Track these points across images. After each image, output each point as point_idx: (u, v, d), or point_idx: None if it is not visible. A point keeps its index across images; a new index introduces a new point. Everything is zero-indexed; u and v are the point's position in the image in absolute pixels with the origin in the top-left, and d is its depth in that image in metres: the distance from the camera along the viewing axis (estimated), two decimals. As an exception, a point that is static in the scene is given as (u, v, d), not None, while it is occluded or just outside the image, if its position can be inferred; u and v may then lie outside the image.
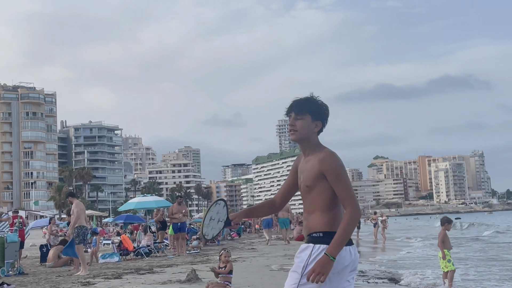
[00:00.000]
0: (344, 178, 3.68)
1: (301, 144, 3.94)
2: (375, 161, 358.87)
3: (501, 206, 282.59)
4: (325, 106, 3.95)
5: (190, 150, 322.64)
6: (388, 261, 17.32)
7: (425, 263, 16.37)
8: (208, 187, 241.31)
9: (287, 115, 3.97)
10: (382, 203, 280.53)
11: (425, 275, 12.92)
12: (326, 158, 3.71)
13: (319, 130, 3.91)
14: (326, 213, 3.65)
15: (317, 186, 3.70)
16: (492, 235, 34.94)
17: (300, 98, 3.95)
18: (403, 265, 15.85)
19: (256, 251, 18.35)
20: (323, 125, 3.92)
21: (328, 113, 3.96)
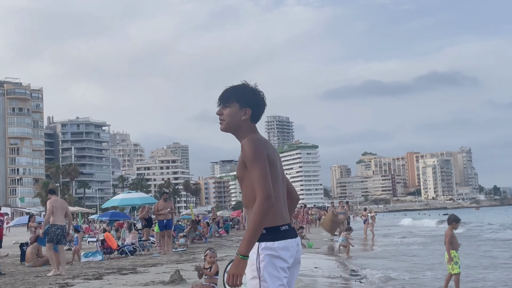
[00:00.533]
0: (257, 164, 3.39)
1: (233, 134, 3.77)
2: (363, 157, 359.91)
3: (488, 202, 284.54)
4: (252, 92, 3.73)
5: (178, 146, 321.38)
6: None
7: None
8: (196, 184, 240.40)
9: (218, 106, 3.81)
10: (370, 199, 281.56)
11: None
12: (243, 145, 3.52)
13: (251, 117, 3.70)
14: None
15: (244, 177, 3.50)
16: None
17: (227, 87, 3.78)
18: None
19: None
20: (255, 111, 3.71)
21: (258, 99, 3.74)
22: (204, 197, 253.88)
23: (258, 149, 3.46)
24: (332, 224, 24.40)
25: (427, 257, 17.60)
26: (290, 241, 3.45)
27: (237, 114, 3.69)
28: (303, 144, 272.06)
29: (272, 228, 3.41)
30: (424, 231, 37.21)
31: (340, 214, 24.78)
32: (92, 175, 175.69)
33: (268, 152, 3.51)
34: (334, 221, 24.18)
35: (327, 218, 25.21)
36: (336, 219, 24.37)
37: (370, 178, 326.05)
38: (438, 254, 17.78)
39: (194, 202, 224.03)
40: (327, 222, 24.89)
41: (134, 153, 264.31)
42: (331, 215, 24.76)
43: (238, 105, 3.69)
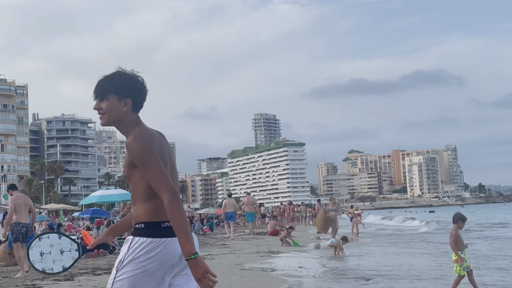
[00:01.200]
0: (151, 164, 3.12)
1: (116, 127, 3.39)
2: (350, 155, 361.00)
3: (473, 199, 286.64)
4: (130, 80, 3.36)
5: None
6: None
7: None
8: (183, 181, 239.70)
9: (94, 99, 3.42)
10: (356, 197, 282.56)
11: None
12: (129, 145, 3.20)
13: (132, 107, 3.34)
14: (148, 202, 3.16)
15: (132, 175, 3.23)
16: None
17: (101, 78, 3.39)
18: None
19: (228, 247, 17.33)
20: (135, 100, 3.35)
21: (138, 86, 3.37)
22: (190, 195, 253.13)
23: (148, 147, 3.15)
24: (325, 222, 23.60)
25: (416, 255, 17.20)
26: (171, 239, 3.08)
27: (117, 106, 3.30)
28: (290, 141, 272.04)
29: (152, 224, 3.12)
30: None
31: (331, 211, 23.95)
32: (78, 172, 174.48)
33: (156, 147, 3.20)
34: (326, 219, 23.47)
35: (319, 216, 24.29)
36: (328, 216, 23.60)
37: (356, 175, 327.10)
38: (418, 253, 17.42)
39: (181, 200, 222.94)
40: (319, 220, 24.10)
41: (121, 150, 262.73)
42: (323, 213, 23.87)
43: (116, 97, 3.30)
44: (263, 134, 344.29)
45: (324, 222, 23.28)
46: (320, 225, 23.72)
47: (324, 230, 23.81)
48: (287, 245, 18.21)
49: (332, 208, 23.75)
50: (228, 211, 23.15)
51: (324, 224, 23.34)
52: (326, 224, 23.26)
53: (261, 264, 12.25)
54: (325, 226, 23.42)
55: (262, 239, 21.37)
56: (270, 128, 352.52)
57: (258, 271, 11.01)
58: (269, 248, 16.38)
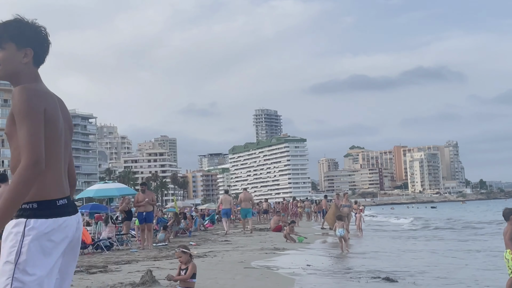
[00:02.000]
0: (27, 120, 2.64)
1: (11, 82, 2.90)
2: (351, 151, 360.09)
3: (474, 195, 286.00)
4: (32, 28, 2.89)
5: (166, 139, 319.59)
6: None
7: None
8: (184, 177, 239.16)
9: None
10: (358, 193, 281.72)
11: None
12: (13, 94, 2.74)
13: (34, 60, 2.91)
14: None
15: (13, 134, 2.74)
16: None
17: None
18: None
19: (230, 243, 16.63)
20: (37, 51, 2.91)
21: (40, 36, 2.92)
22: (191, 190, 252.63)
23: (32, 101, 2.67)
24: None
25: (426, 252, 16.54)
26: (68, 218, 2.73)
27: (16, 56, 2.84)
28: (291, 137, 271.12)
29: (46, 202, 2.71)
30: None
31: (344, 207, 22.27)
32: (79, 167, 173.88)
33: (46, 107, 2.73)
34: (338, 215, 22.69)
35: (330, 212, 22.65)
36: (341, 212, 21.61)
37: (357, 171, 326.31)
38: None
39: (182, 195, 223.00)
40: (330, 216, 22.31)
41: (122, 146, 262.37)
42: (335, 209, 22.23)
43: (15, 46, 2.84)
44: (264, 130, 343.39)
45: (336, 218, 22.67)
46: (332, 221, 22.21)
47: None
48: (291, 242, 17.55)
49: (346, 203, 22.38)
50: (224, 207, 23.47)
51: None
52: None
53: (266, 262, 11.57)
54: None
55: (265, 235, 20.67)
56: (271, 124, 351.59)
57: (263, 270, 10.32)
58: (273, 245, 15.70)
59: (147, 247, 15.77)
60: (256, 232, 22.97)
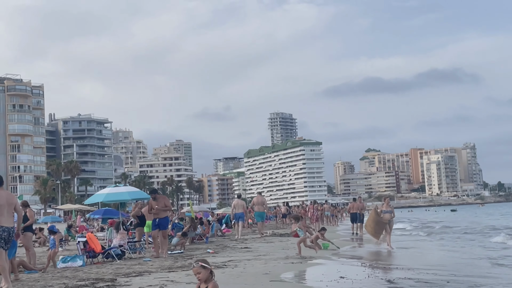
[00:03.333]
0: None
1: None
2: (367, 154, 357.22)
3: (493, 198, 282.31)
4: None
5: (181, 143, 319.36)
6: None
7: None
8: (199, 181, 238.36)
9: None
10: (374, 196, 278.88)
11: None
12: None
13: None
14: None
15: None
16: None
17: None
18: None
19: (251, 251, 15.35)
20: None
21: None
22: (207, 194, 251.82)
23: None
24: (377, 226, 19.36)
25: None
26: None
27: None
28: (307, 140, 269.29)
29: None
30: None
31: (385, 213, 19.26)
32: (94, 172, 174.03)
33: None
34: (378, 222, 19.26)
35: (370, 219, 20.02)
36: (381, 219, 19.20)
37: (373, 174, 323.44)
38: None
39: (197, 199, 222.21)
40: (370, 223, 19.89)
41: (137, 150, 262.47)
42: (374, 215, 19.57)
43: None
44: (279, 133, 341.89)
45: (377, 225, 19.40)
46: (372, 229, 19.78)
47: (376, 235, 19.85)
48: (317, 248, 16.27)
49: (387, 209, 19.49)
50: (237, 212, 23.39)
51: (377, 228, 19.45)
52: (379, 228, 19.42)
53: (294, 274, 10.33)
54: (378, 231, 19.56)
55: (287, 241, 19.36)
56: (286, 127, 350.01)
57: (293, 284, 9.09)
58: (295, 251, 14.43)
59: (162, 255, 14.63)
60: (277, 237, 21.71)
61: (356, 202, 28.43)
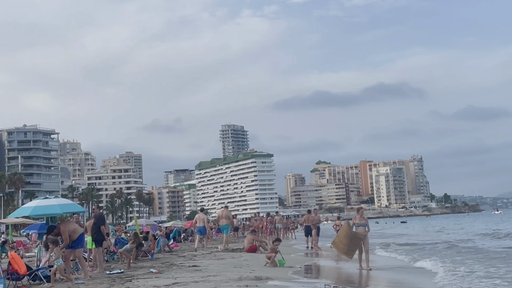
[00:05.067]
0: None
1: None
2: (317, 166, 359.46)
3: (439, 210, 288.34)
4: None
5: (131, 155, 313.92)
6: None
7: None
8: (150, 193, 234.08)
9: None
10: (325, 208, 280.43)
11: None
12: None
13: None
14: None
15: None
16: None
17: None
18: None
19: (199, 270, 13.67)
20: None
21: None
22: (157, 207, 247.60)
23: None
24: (351, 242, 15.61)
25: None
26: None
27: None
28: (258, 152, 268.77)
29: None
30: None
31: (359, 227, 15.76)
32: (40, 184, 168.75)
33: None
34: (353, 238, 15.62)
35: (341, 234, 16.23)
36: (355, 234, 15.64)
37: (324, 186, 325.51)
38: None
39: (147, 212, 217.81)
40: (342, 239, 16.01)
41: (85, 162, 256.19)
42: (348, 229, 15.91)
43: None
44: (231, 145, 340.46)
45: (350, 241, 15.72)
46: (344, 246, 16.00)
47: (349, 254, 16.02)
48: (272, 266, 14.90)
49: (361, 222, 15.99)
50: (199, 225, 23.45)
51: (351, 245, 15.76)
52: (353, 244, 15.73)
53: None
54: (352, 247, 15.81)
55: (240, 258, 17.85)
56: (238, 140, 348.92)
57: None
58: (252, 271, 13.00)
59: (98, 274, 13.01)
60: (229, 253, 20.21)
61: (311, 215, 27.10)
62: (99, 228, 14.47)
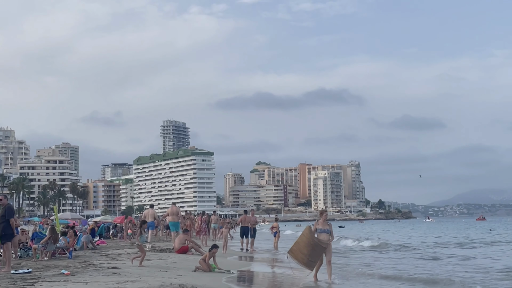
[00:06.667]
0: None
1: None
2: (257, 166, 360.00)
3: (373, 215, 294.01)
4: None
5: (68, 147, 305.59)
6: None
7: None
8: (85, 186, 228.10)
9: None
10: (262, 208, 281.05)
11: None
12: None
13: None
14: None
15: None
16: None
17: None
18: None
19: (118, 274, 11.97)
20: None
21: None
22: (92, 201, 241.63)
23: None
24: (313, 251, 13.10)
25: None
26: None
27: None
28: (199, 150, 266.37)
29: None
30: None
31: (322, 233, 13.33)
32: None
33: None
34: (315, 247, 13.19)
35: (302, 241, 13.36)
36: (318, 242, 13.18)
37: (263, 187, 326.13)
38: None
39: (81, 205, 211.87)
40: (302, 248, 13.21)
41: (18, 151, 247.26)
42: (310, 236, 13.26)
43: None
44: (171, 141, 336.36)
45: (313, 250, 13.23)
46: (304, 256, 13.29)
47: (310, 265, 13.42)
48: (204, 269, 13.41)
49: (324, 227, 13.52)
50: (148, 221, 24.38)
51: (313, 254, 13.25)
52: (315, 253, 13.29)
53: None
54: (313, 258, 13.31)
55: (167, 259, 16.29)
56: (179, 136, 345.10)
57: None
58: (178, 276, 11.50)
59: (6, 272, 11.36)
60: (156, 253, 18.62)
61: (248, 215, 25.80)
62: (8, 221, 12.71)
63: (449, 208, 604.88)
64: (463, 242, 36.41)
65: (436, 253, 25.72)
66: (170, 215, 24.67)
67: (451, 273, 16.00)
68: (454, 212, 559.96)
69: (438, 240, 40.92)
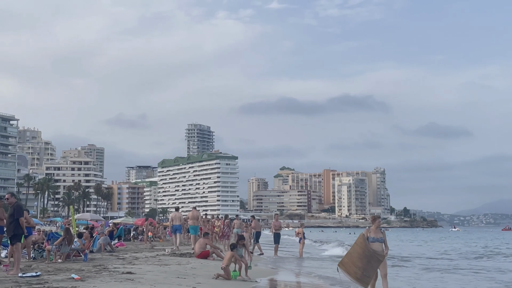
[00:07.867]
0: None
1: None
2: (281, 171, 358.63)
3: (398, 223, 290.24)
4: None
5: (93, 148, 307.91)
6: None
7: None
8: (109, 188, 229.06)
9: None
10: (285, 214, 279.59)
11: None
12: None
13: None
14: None
15: None
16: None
17: None
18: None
19: (132, 280, 10.96)
20: None
21: None
22: (116, 202, 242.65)
23: None
24: (368, 264, 10.99)
25: None
26: None
27: None
28: (223, 154, 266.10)
29: None
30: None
31: (375, 242, 11.20)
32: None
33: None
34: (370, 259, 11.05)
35: (354, 251, 11.19)
36: (374, 254, 11.05)
37: (286, 192, 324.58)
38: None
39: (105, 207, 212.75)
40: (354, 260, 11.05)
41: (45, 152, 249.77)
42: (364, 245, 11.10)
43: None
44: (196, 145, 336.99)
45: (368, 263, 11.07)
46: (357, 270, 11.07)
47: (364, 280, 11.08)
48: (225, 278, 12.42)
49: (376, 236, 11.41)
50: (175, 224, 24.32)
51: (368, 268, 11.09)
52: (371, 267, 11.13)
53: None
54: (368, 272, 11.12)
55: (186, 264, 15.35)
56: (203, 140, 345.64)
57: None
58: (197, 285, 10.56)
59: (14, 274, 10.60)
60: (175, 258, 17.72)
61: (273, 220, 24.97)
62: (17, 220, 11.93)
63: (475, 217, 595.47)
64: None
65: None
66: (190, 219, 24.75)
67: None
68: (480, 221, 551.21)
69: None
